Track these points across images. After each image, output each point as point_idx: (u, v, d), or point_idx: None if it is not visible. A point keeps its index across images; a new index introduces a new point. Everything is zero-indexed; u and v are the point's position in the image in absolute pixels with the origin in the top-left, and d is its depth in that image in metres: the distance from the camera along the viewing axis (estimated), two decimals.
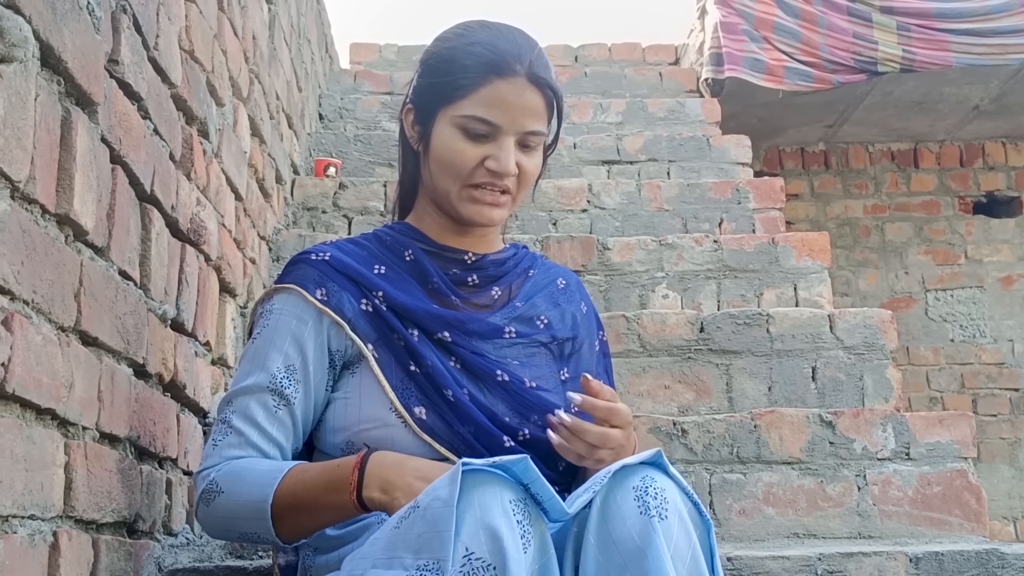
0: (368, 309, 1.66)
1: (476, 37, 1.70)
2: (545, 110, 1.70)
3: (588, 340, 1.83)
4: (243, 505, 1.56)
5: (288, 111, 4.05)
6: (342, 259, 1.70)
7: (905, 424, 2.60)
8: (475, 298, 1.74)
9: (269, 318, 1.67)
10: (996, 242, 7.11)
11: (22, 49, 1.35)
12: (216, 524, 1.62)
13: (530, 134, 1.68)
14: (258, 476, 1.57)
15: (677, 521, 1.36)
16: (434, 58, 1.73)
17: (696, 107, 5.51)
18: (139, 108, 1.92)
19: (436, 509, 1.28)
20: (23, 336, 1.35)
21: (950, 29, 5.69)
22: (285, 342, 1.65)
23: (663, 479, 1.39)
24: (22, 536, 1.38)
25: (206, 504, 1.60)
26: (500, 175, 1.66)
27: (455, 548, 1.25)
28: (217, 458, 1.62)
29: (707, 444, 2.57)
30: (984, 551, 2.08)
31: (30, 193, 1.39)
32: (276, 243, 3.65)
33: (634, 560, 1.32)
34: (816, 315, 3.16)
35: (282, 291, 1.69)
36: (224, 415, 1.65)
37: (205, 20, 2.49)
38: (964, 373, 6.89)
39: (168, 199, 2.10)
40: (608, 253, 3.69)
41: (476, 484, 1.29)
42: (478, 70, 1.65)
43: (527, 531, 1.29)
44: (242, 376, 1.66)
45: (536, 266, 1.86)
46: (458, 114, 1.66)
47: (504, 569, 1.24)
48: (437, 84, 1.70)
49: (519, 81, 1.65)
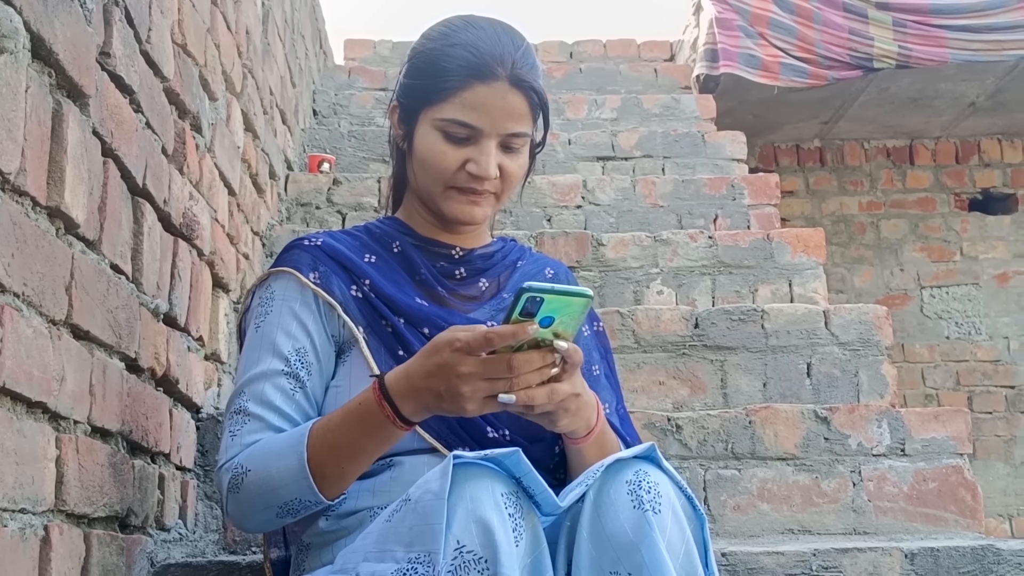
0: (358, 295, 1.66)
1: (458, 38, 1.68)
2: (529, 111, 1.68)
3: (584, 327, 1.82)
4: (277, 474, 1.51)
5: (282, 106, 4.04)
6: (334, 246, 1.70)
7: (900, 420, 2.59)
8: (462, 289, 1.74)
9: (271, 304, 1.66)
10: (992, 239, 7.11)
11: (12, 40, 1.34)
12: (250, 507, 1.54)
13: (512, 136, 1.66)
14: (284, 442, 1.53)
15: (671, 515, 1.35)
16: (418, 58, 1.73)
17: (691, 103, 5.51)
18: (131, 101, 1.91)
19: (427, 502, 1.27)
20: (13, 329, 1.35)
21: (946, 25, 5.69)
22: (292, 325, 1.63)
23: (656, 473, 1.39)
24: (13, 530, 1.37)
25: (235, 491, 1.54)
26: (480, 179, 1.65)
27: (446, 541, 1.24)
28: (237, 447, 1.57)
29: (702, 440, 2.57)
30: (980, 547, 2.08)
31: (20, 185, 1.38)
32: (270, 238, 3.64)
33: (628, 554, 1.32)
34: (811, 311, 3.15)
35: (279, 275, 1.68)
36: (238, 404, 1.61)
37: (198, 14, 2.48)
38: (959, 370, 6.89)
39: (160, 193, 2.09)
40: (603, 249, 3.68)
41: (467, 477, 1.29)
42: (458, 73, 1.64)
43: (519, 524, 1.29)
44: (251, 364, 1.63)
45: (525, 258, 1.85)
46: (439, 117, 1.65)
47: (496, 562, 1.23)
48: (420, 85, 1.69)
49: (500, 85, 1.64)
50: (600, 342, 1.84)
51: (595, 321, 1.86)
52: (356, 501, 1.58)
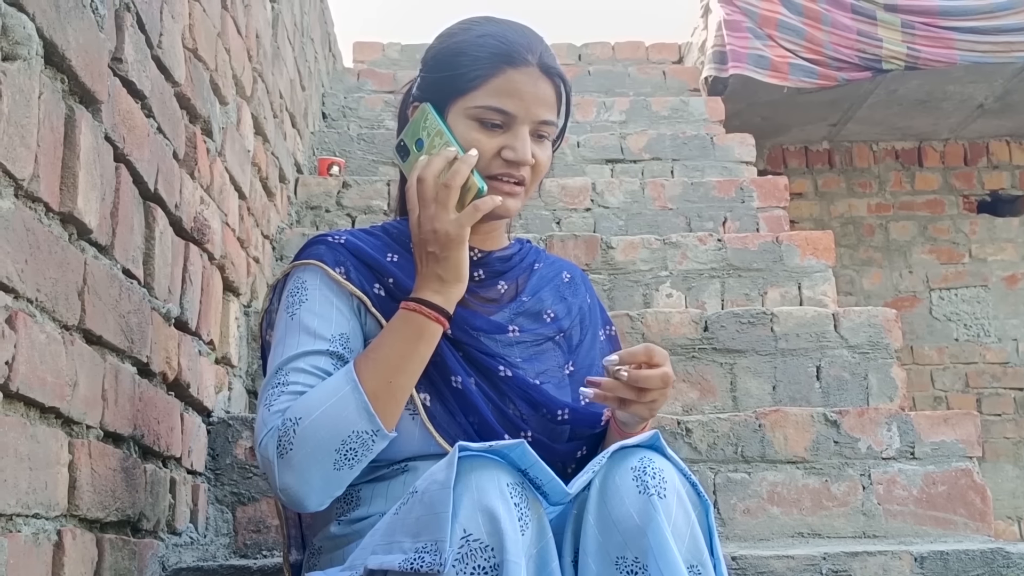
0: (381, 293, 1.65)
1: (484, 30, 1.70)
2: (556, 100, 1.69)
3: (592, 332, 1.83)
4: (332, 407, 1.48)
5: (291, 110, 4.05)
6: (357, 244, 1.69)
7: (910, 423, 2.59)
8: (482, 292, 1.74)
9: (305, 292, 1.63)
10: (1000, 241, 7.10)
11: (26, 47, 1.35)
12: (307, 462, 1.47)
13: (543, 123, 1.67)
14: (330, 381, 1.52)
15: (676, 500, 1.36)
16: (442, 53, 1.72)
17: (700, 106, 5.51)
18: (143, 106, 1.92)
19: (433, 492, 1.28)
20: (27, 335, 1.35)
21: (955, 27, 5.68)
22: (330, 311, 1.62)
23: (661, 460, 1.40)
24: (26, 535, 1.38)
25: (287, 451, 1.47)
26: (517, 164, 1.65)
27: (453, 530, 1.25)
28: (278, 416, 1.51)
29: (711, 443, 2.57)
30: (989, 550, 2.08)
31: (34, 191, 1.39)
32: (280, 242, 3.65)
33: (634, 538, 1.33)
34: (820, 314, 3.15)
35: (307, 267, 1.67)
36: (276, 379, 1.56)
37: (209, 18, 2.48)
38: (968, 372, 6.88)
39: (172, 198, 2.10)
40: (612, 252, 3.69)
41: (473, 468, 1.30)
42: (490, 60, 1.65)
43: (525, 514, 1.29)
44: (289, 347, 1.58)
45: (541, 259, 1.86)
46: (472, 105, 1.65)
47: (502, 550, 1.24)
48: (447, 78, 1.68)
49: (531, 71, 1.65)
50: (613, 347, 1.85)
51: (608, 326, 1.87)
52: (369, 506, 1.59)
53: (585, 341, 1.80)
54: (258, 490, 2.43)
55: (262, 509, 2.42)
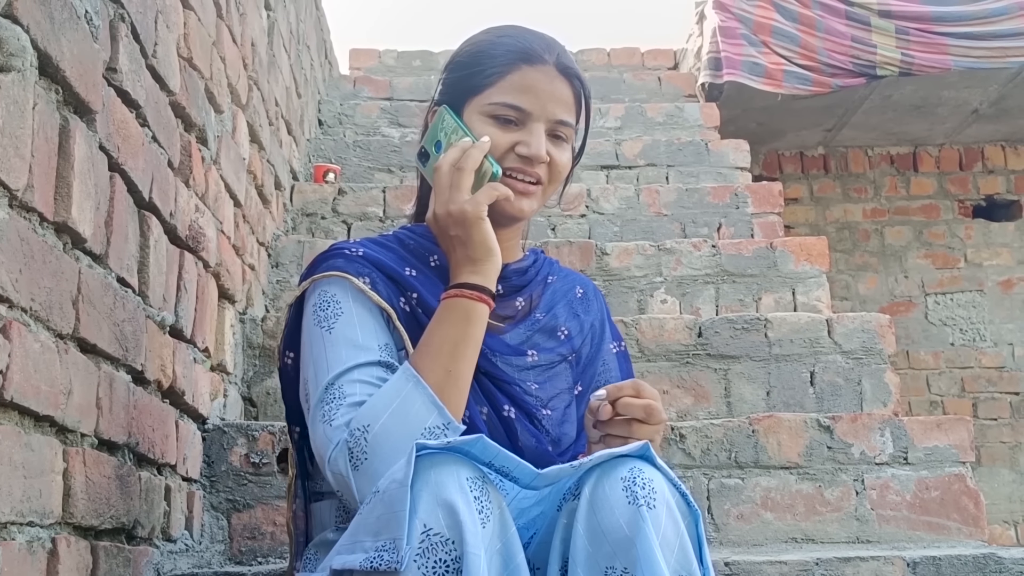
0: (405, 308, 1.63)
1: (503, 32, 1.72)
2: (573, 102, 1.69)
3: (605, 349, 1.83)
4: (399, 408, 1.46)
5: (287, 117, 4.06)
6: (377, 257, 1.66)
7: (903, 429, 2.60)
8: (499, 309, 1.70)
9: (339, 306, 1.60)
10: (996, 246, 7.12)
11: (20, 58, 1.36)
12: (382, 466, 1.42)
13: (559, 123, 1.67)
14: (389, 385, 1.50)
15: (665, 511, 1.36)
16: (461, 55, 1.74)
17: (695, 112, 5.53)
18: (137, 116, 1.93)
19: (392, 491, 1.28)
20: (21, 344, 1.36)
21: (949, 33, 5.70)
22: (370, 322, 1.59)
23: (651, 470, 1.39)
24: (21, 543, 1.38)
25: (361, 461, 1.44)
26: (531, 160, 1.65)
27: (413, 526, 1.25)
28: (342, 431, 1.48)
29: (705, 449, 2.58)
30: (982, 556, 2.08)
31: (28, 201, 1.40)
32: (275, 249, 3.65)
33: (623, 549, 1.33)
34: (814, 320, 3.16)
35: (332, 279, 1.63)
36: (330, 395, 1.52)
37: (204, 27, 2.49)
38: (964, 377, 6.89)
39: (167, 206, 2.11)
40: (607, 258, 3.70)
41: (433, 464, 1.29)
42: (506, 58, 1.66)
43: (485, 507, 1.29)
44: (334, 362, 1.55)
45: (554, 272, 1.85)
46: (487, 102, 1.66)
47: (462, 542, 1.24)
48: (464, 76, 1.70)
49: (548, 69, 1.66)
50: (621, 363, 1.85)
51: (619, 341, 1.87)
52: None
53: (598, 361, 1.80)
54: (253, 497, 2.44)
55: (257, 516, 2.42)
